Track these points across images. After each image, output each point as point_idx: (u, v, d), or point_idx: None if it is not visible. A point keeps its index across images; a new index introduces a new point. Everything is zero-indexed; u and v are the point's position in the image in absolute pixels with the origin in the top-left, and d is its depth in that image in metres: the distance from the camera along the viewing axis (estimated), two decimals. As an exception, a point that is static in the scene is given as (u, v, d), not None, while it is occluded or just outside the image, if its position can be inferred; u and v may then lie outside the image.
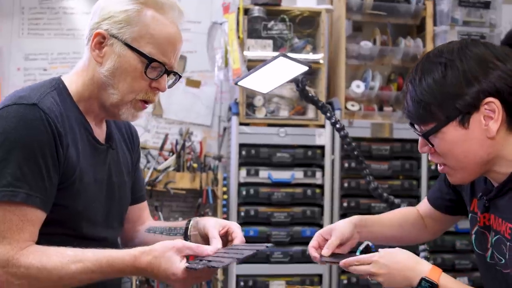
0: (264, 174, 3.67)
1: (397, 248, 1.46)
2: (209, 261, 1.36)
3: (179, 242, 1.39)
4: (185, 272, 1.34)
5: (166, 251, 1.35)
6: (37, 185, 1.35)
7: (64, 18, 3.89)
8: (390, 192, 3.72)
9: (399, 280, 1.41)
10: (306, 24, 3.79)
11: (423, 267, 1.40)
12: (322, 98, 3.73)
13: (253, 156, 3.66)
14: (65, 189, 1.42)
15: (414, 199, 3.79)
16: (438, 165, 1.44)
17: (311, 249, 1.69)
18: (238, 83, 2.11)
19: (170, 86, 1.58)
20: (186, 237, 1.66)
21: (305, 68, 2.05)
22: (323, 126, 3.72)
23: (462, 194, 1.63)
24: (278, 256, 3.64)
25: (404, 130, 3.81)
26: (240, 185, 3.65)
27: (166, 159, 3.78)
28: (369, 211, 3.75)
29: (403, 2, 3.85)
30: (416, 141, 3.95)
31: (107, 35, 1.45)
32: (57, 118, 1.40)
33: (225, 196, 3.73)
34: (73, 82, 1.52)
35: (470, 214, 1.57)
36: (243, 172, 3.64)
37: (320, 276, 3.69)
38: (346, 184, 3.75)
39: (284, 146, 3.70)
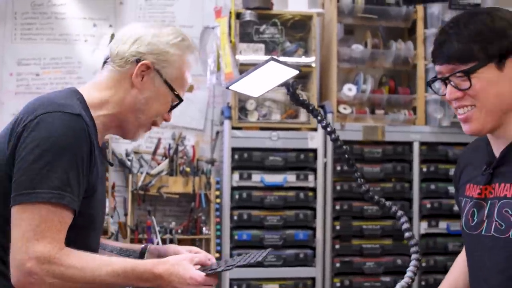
0: (256, 177, 3.68)
1: None
2: (219, 267, 1.57)
3: (189, 254, 1.63)
4: (202, 276, 1.49)
5: (182, 260, 1.53)
6: (78, 191, 1.45)
7: (56, 23, 3.89)
8: (382, 194, 3.74)
9: None
10: (297, 28, 3.81)
11: None
12: (314, 101, 3.74)
13: (245, 160, 3.67)
14: (86, 198, 1.51)
15: (406, 201, 3.81)
16: (458, 114, 1.52)
17: None
18: (230, 88, 2.11)
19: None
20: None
21: (296, 72, 2.05)
22: (315, 130, 3.74)
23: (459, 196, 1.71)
24: (271, 259, 3.65)
25: (395, 133, 3.83)
26: (233, 189, 3.66)
27: (159, 164, 3.79)
28: (361, 213, 3.77)
29: (394, 5, 3.87)
30: (407, 143, 3.96)
31: (152, 67, 1.62)
32: (92, 132, 1.51)
33: (218, 200, 3.74)
34: (94, 97, 1.61)
35: (463, 201, 1.65)
36: (236, 176, 3.65)
37: (313, 279, 3.70)
38: (338, 187, 3.76)
39: (277, 150, 3.71)
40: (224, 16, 3.64)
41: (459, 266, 1.88)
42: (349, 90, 3.87)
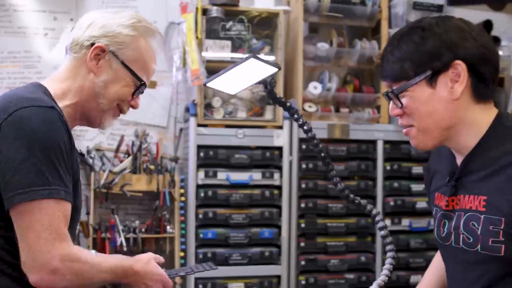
0: (222, 175, 3.65)
1: None
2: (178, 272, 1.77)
3: (152, 254, 1.66)
4: (165, 274, 1.62)
5: (150, 259, 1.61)
6: (69, 182, 1.45)
7: (14, 16, 3.75)
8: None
9: None
10: (264, 25, 3.79)
11: None
12: (280, 99, 3.72)
13: (211, 158, 3.63)
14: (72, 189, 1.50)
15: (370, 199, 3.84)
16: (403, 130, 1.52)
17: None
18: (207, 84, 2.08)
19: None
20: None
21: (275, 70, 2.03)
22: (281, 127, 3.73)
23: (429, 202, 1.71)
24: (236, 258, 3.62)
25: (360, 131, 3.86)
26: (198, 187, 3.61)
27: (121, 161, 3.71)
28: (326, 211, 3.78)
29: (359, 4, 3.89)
30: (371, 142, 4.01)
31: (107, 50, 1.58)
32: (67, 123, 1.49)
33: (183, 198, 3.69)
34: (57, 88, 1.59)
35: (434, 210, 1.64)
36: (201, 173, 3.61)
37: (278, 277, 3.69)
38: (303, 185, 3.76)
39: (242, 147, 3.69)
40: (190, 11, 3.58)
41: (432, 271, 1.89)
42: (315, 88, 3.87)
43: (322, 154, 2.32)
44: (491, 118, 1.47)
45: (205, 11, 3.62)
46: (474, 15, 3.90)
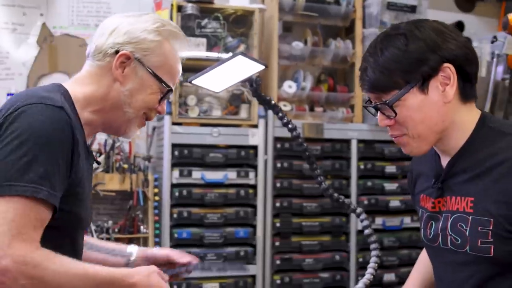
0: (197, 174, 3.61)
1: None
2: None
3: (155, 267, 1.51)
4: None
5: (152, 273, 1.46)
6: (58, 186, 1.35)
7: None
8: (321, 191, 3.76)
9: None
10: (239, 23, 3.76)
11: None
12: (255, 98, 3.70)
13: (186, 157, 3.59)
14: (71, 196, 1.41)
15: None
16: (394, 138, 1.50)
17: None
18: (192, 82, 2.04)
19: None
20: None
21: (262, 67, 2.02)
22: (256, 126, 3.71)
23: (415, 203, 1.72)
24: (211, 257, 3.59)
25: (334, 130, 3.86)
26: (173, 186, 3.57)
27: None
28: (301, 210, 3.78)
29: (333, 4, 3.90)
30: (345, 141, 4.02)
31: (132, 57, 1.52)
32: (75, 126, 1.42)
33: (157, 198, 3.64)
34: (78, 92, 1.52)
35: (420, 211, 1.65)
36: (176, 172, 3.57)
37: (253, 277, 3.67)
38: (278, 184, 3.75)
39: (217, 146, 3.66)
40: (164, 8, 3.54)
41: (418, 270, 1.90)
42: (289, 87, 3.87)
43: (307, 153, 2.31)
44: (476, 119, 1.48)
45: (180, 8, 3.57)
46: (445, 16, 3.96)
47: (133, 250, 1.80)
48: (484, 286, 1.44)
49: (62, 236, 1.43)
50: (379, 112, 1.46)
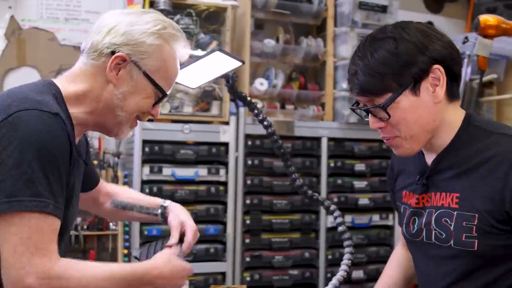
0: (167, 171, 3.58)
1: None
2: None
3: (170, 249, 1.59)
4: (189, 266, 1.57)
5: (170, 255, 1.54)
6: (60, 196, 1.34)
7: None
8: (291, 189, 3.79)
9: None
10: (211, 20, 3.75)
11: None
12: (226, 95, 3.70)
13: (156, 153, 3.56)
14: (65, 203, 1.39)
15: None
16: (385, 140, 1.52)
17: None
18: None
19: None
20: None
21: (240, 64, 2.01)
22: (227, 123, 3.70)
23: (395, 200, 1.74)
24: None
25: (305, 128, 3.88)
26: (143, 182, 3.54)
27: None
28: (271, 208, 3.79)
29: (305, 2, 3.91)
30: (316, 139, 4.03)
31: (128, 59, 1.46)
32: (69, 131, 1.39)
33: (127, 194, 3.59)
34: (70, 91, 1.47)
35: (402, 207, 1.68)
36: (146, 169, 3.53)
37: (223, 274, 3.67)
38: (249, 181, 3.75)
39: (188, 143, 3.64)
40: (136, 3, 3.50)
41: (392, 266, 1.92)
42: (261, 85, 3.87)
43: (282, 150, 2.31)
44: (461, 118, 1.52)
45: (152, 4, 3.54)
46: (415, 17, 4.01)
47: (164, 211, 1.87)
48: (466, 279, 1.49)
49: None
50: (370, 115, 1.49)
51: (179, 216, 1.81)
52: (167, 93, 1.54)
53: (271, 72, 3.95)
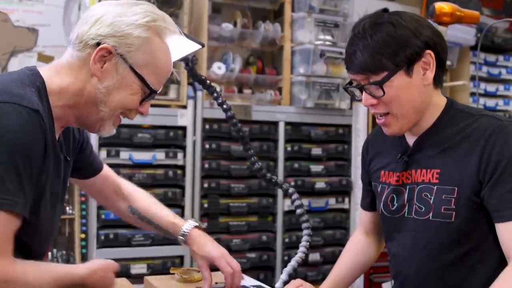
0: (125, 155, 3.56)
1: None
2: None
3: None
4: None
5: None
6: (29, 196, 1.30)
7: None
8: (249, 172, 3.82)
9: None
10: (169, 3, 3.72)
11: None
12: (184, 78, 3.69)
13: (113, 137, 3.44)
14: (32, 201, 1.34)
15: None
16: (378, 118, 1.63)
17: None
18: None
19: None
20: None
21: (199, 47, 2.01)
22: (185, 107, 3.70)
23: (371, 180, 1.83)
24: (139, 238, 3.56)
25: (262, 112, 3.91)
26: (100, 166, 3.51)
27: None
28: (228, 191, 3.81)
29: (263, -14, 3.93)
30: (273, 123, 4.05)
31: (114, 52, 1.39)
32: (48, 129, 1.33)
33: (83, 178, 3.56)
34: (54, 83, 1.41)
35: (379, 187, 1.76)
36: (103, 153, 3.51)
37: (181, 257, 3.68)
38: (206, 165, 3.76)
39: (145, 127, 3.62)
40: (93, -15, 3.45)
41: (348, 254, 1.99)
42: (219, 69, 3.87)
43: (241, 134, 2.33)
44: (444, 103, 1.65)
45: (108, -15, 3.49)
46: (371, 4, 4.06)
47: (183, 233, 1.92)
48: (442, 252, 1.60)
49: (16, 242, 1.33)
50: (363, 92, 1.59)
51: (204, 248, 1.92)
52: (157, 90, 1.47)
53: (228, 56, 3.96)
